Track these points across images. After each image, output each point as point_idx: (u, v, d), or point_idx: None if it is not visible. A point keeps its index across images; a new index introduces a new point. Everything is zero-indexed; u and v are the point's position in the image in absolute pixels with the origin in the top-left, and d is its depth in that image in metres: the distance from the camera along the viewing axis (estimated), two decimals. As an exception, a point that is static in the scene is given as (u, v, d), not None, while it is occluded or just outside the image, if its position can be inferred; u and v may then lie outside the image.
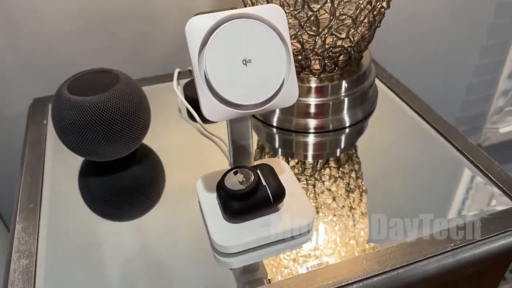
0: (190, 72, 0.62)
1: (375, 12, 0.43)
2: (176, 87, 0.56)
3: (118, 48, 0.63)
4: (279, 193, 0.36)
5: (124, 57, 0.64)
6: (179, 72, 0.60)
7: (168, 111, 0.56)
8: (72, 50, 0.61)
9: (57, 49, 0.60)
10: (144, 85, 0.58)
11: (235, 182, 0.36)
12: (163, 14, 0.62)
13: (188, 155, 0.50)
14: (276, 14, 0.31)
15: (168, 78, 0.61)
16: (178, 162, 0.48)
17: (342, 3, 0.40)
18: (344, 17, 0.42)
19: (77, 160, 0.47)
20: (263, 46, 0.31)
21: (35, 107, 0.56)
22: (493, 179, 0.43)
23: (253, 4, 0.44)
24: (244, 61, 0.30)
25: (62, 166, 0.47)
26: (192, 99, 0.53)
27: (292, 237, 0.37)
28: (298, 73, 0.49)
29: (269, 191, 0.36)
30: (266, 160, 0.44)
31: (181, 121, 0.54)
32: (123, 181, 0.46)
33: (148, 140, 0.48)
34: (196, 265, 0.37)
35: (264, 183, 0.36)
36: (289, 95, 0.32)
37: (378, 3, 0.42)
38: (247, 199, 0.35)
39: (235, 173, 0.37)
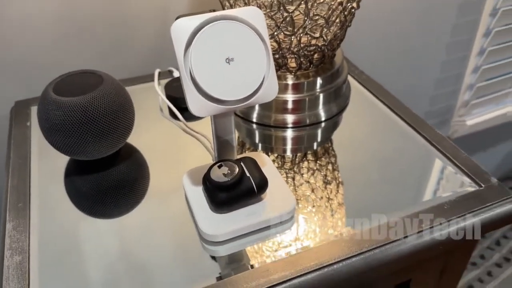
0: (170, 72, 0.63)
1: (346, 13, 0.46)
2: (157, 87, 0.58)
3: (97, 51, 0.64)
4: (263, 184, 0.38)
5: (103, 60, 0.65)
6: (159, 73, 0.62)
7: (150, 111, 0.57)
8: (51, 55, 0.62)
9: (36, 53, 0.61)
10: (125, 86, 0.59)
11: (220, 174, 0.38)
12: (140, 17, 0.63)
13: (171, 152, 0.51)
14: (255, 16, 0.33)
15: (148, 78, 0.62)
16: (162, 159, 0.50)
17: (315, 4, 0.43)
18: (317, 17, 0.44)
19: (63, 160, 0.48)
20: (244, 46, 0.33)
21: (18, 109, 0.57)
22: (460, 165, 0.46)
23: (231, 6, 0.46)
24: (227, 60, 0.32)
25: (48, 166, 0.48)
26: (174, 98, 0.55)
27: (276, 224, 0.39)
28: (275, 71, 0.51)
29: (253, 182, 0.38)
30: (248, 154, 0.46)
31: (163, 120, 0.56)
32: (108, 179, 0.47)
33: (132, 139, 0.49)
34: (183, 254, 0.39)
35: (248, 174, 0.38)
36: (270, 91, 0.35)
37: (348, 4, 0.45)
38: (233, 190, 0.37)
39: (220, 166, 0.39)
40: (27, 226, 0.40)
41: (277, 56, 0.49)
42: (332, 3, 0.43)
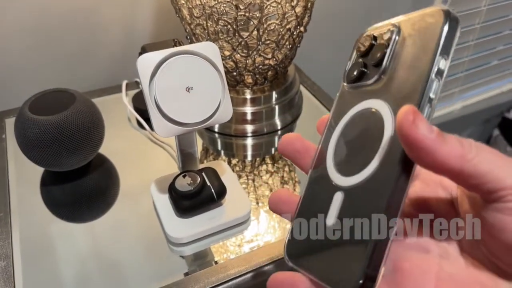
0: (137, 83, 0.67)
1: (294, 36, 0.51)
2: (125, 99, 0.62)
3: (65, 62, 0.67)
4: (221, 191, 0.43)
5: (72, 70, 0.68)
6: (126, 84, 0.66)
7: (119, 121, 0.61)
8: (18, 65, 0.64)
9: (4, 65, 0.63)
10: (93, 98, 0.63)
11: (184, 184, 0.43)
12: (107, 28, 0.67)
13: (140, 160, 0.55)
14: (211, 50, 0.38)
15: (116, 89, 0.66)
16: (131, 167, 0.54)
17: (266, 31, 0.48)
18: (268, 41, 0.50)
19: (39, 170, 0.52)
20: (202, 76, 0.38)
21: (-9, 122, 0.60)
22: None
23: (191, 30, 0.51)
24: (187, 88, 0.37)
25: (25, 176, 0.52)
26: (141, 110, 0.59)
27: (233, 226, 0.45)
28: (234, 86, 0.56)
29: (213, 190, 0.43)
30: (210, 163, 0.51)
31: (131, 130, 0.60)
32: (82, 187, 0.51)
33: (103, 148, 0.52)
34: (153, 253, 0.44)
35: (208, 183, 0.43)
36: (225, 113, 0.40)
37: (296, 29, 0.51)
38: (195, 198, 0.42)
39: (184, 176, 0.43)
40: (9, 233, 0.44)
41: (234, 73, 0.54)
42: (281, 29, 0.49)
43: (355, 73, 0.28)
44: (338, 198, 0.26)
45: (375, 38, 0.28)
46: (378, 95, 0.26)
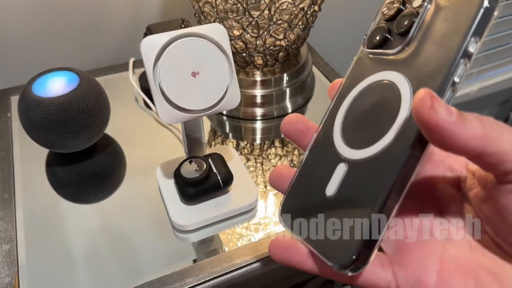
0: (145, 61, 0.65)
1: (308, 16, 0.49)
2: (132, 78, 0.60)
3: (71, 39, 0.65)
4: (228, 179, 0.42)
5: (77, 47, 0.66)
6: (133, 61, 0.64)
7: (125, 100, 0.60)
8: (24, 42, 0.62)
9: (9, 41, 0.62)
10: (100, 76, 0.62)
11: (190, 170, 0.42)
12: (114, 4, 0.65)
13: (147, 141, 0.54)
14: (219, 32, 0.36)
15: (123, 67, 0.64)
16: (137, 149, 0.53)
17: (278, 10, 0.46)
18: (280, 21, 0.47)
19: (44, 150, 0.51)
20: (208, 60, 0.36)
21: (-4, 100, 0.59)
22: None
23: (200, 8, 0.49)
24: (193, 73, 0.36)
25: (30, 156, 0.51)
26: (148, 89, 0.58)
27: (240, 214, 0.44)
28: (243, 68, 0.54)
29: (219, 177, 0.42)
30: (218, 148, 0.50)
31: (138, 110, 0.59)
32: (88, 169, 0.50)
33: (109, 128, 0.51)
34: (158, 238, 0.43)
35: (214, 170, 0.42)
36: (233, 100, 0.38)
37: (310, 9, 0.48)
38: (201, 185, 0.41)
39: (190, 162, 0.42)
40: (13, 216, 0.44)
41: (244, 54, 0.52)
42: (294, 9, 0.46)
43: (377, 38, 0.26)
44: (341, 170, 0.25)
45: (403, 2, 0.26)
46: (399, 67, 0.25)
